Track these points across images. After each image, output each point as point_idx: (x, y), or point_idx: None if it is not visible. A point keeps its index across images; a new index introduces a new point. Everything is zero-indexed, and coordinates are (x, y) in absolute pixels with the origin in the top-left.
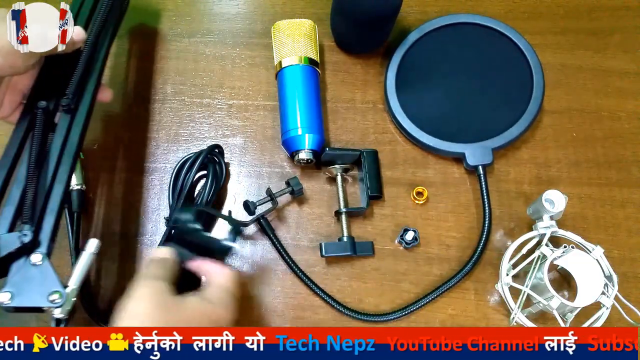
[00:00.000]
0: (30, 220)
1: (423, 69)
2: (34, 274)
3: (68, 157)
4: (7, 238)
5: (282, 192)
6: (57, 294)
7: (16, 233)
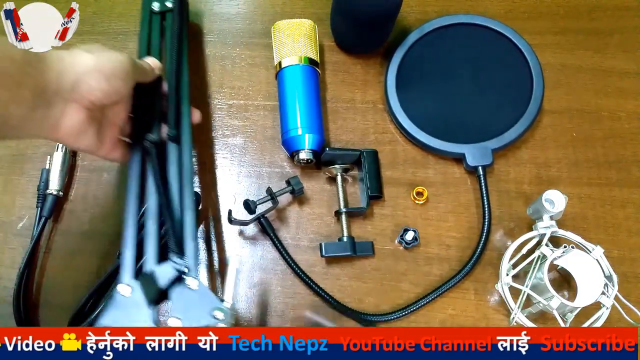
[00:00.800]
0: (179, 249)
1: (423, 69)
2: (194, 297)
3: (188, 184)
4: (163, 269)
5: (283, 192)
6: (220, 311)
7: (169, 263)
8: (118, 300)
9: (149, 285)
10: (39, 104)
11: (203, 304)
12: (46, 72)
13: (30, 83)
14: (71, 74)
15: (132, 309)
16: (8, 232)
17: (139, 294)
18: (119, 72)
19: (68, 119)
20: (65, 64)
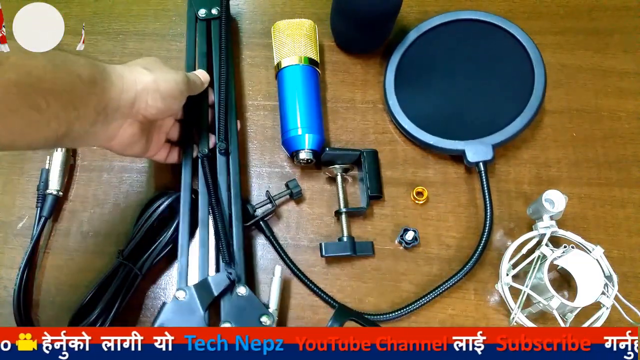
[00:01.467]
0: (231, 260)
1: (422, 68)
2: (243, 304)
3: (236, 197)
4: (218, 278)
5: (281, 195)
6: (266, 317)
7: (224, 273)
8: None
9: (203, 291)
10: (100, 120)
11: (251, 310)
12: (109, 90)
13: (94, 102)
14: (131, 92)
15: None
16: (8, 232)
17: (194, 299)
18: (174, 92)
19: (122, 131)
20: (125, 81)
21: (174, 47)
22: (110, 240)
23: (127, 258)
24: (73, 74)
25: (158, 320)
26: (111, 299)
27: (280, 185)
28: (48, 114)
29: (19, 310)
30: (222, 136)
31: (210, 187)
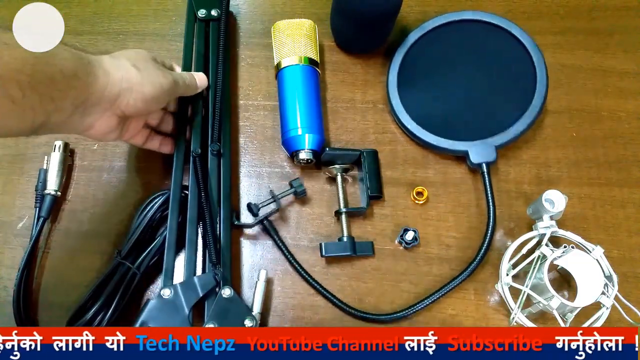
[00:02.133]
0: (218, 261)
1: (424, 68)
2: (227, 306)
3: (225, 198)
4: (204, 278)
5: (285, 194)
6: (249, 319)
7: (210, 273)
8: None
9: (188, 290)
10: (78, 112)
11: (235, 312)
12: (92, 85)
13: (73, 95)
14: (115, 89)
15: (171, 311)
16: (8, 232)
17: (179, 298)
18: (158, 96)
19: (100, 122)
20: (111, 79)
21: (174, 47)
22: (109, 240)
23: (125, 257)
24: (54, 67)
25: (141, 317)
26: (109, 298)
27: (280, 186)
28: (23, 105)
29: (19, 310)
30: (215, 138)
31: (200, 186)
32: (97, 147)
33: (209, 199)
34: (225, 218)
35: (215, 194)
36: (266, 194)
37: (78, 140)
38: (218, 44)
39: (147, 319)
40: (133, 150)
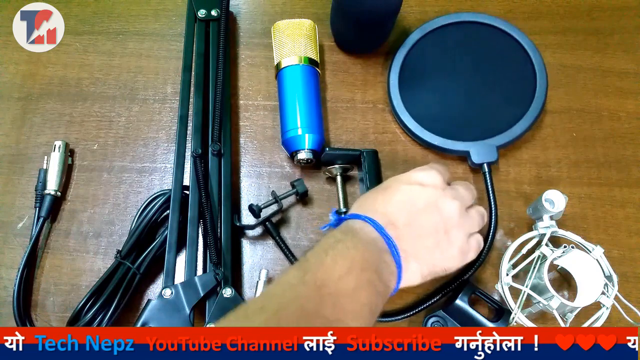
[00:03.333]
0: (219, 261)
1: (426, 68)
2: (228, 305)
3: (226, 198)
4: (205, 278)
5: (288, 194)
6: None
7: (211, 273)
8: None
9: (189, 290)
10: None
11: None
12: None
13: None
14: None
15: (172, 311)
16: (8, 232)
17: (180, 298)
18: None
19: None
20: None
21: (174, 47)
22: (109, 240)
23: (125, 257)
24: None
25: (142, 317)
26: (109, 298)
27: (280, 185)
28: None
29: (19, 310)
30: (215, 138)
31: (201, 186)
32: (97, 147)
33: (210, 198)
34: (225, 218)
35: (215, 193)
36: (266, 193)
37: (78, 140)
38: (218, 44)
39: (148, 319)
40: (133, 150)
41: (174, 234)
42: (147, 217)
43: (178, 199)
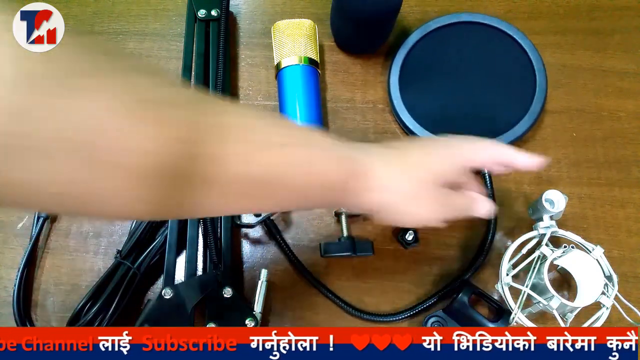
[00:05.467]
0: (219, 261)
1: (426, 68)
2: (228, 305)
3: None
4: (205, 278)
5: None
6: (251, 319)
7: (211, 273)
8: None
9: (189, 290)
10: None
11: (236, 312)
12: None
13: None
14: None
15: (172, 311)
16: (8, 232)
17: (180, 298)
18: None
19: None
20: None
21: (174, 47)
22: (109, 240)
23: (125, 257)
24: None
25: (143, 317)
26: (109, 298)
27: None
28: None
29: (19, 310)
30: None
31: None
32: None
33: None
34: (225, 217)
35: None
36: None
37: None
38: (218, 44)
39: (148, 319)
40: None
41: (174, 234)
42: None
43: None
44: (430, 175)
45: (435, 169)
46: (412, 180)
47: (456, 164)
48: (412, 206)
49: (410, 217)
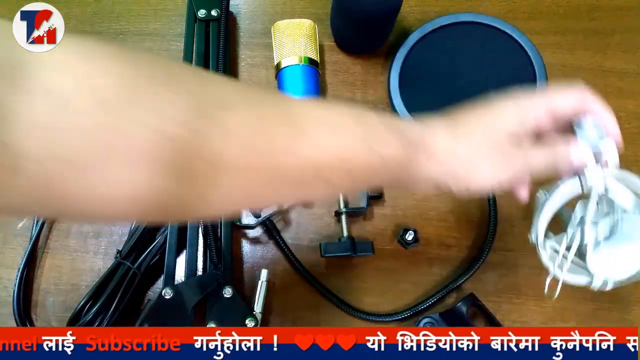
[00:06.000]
0: (219, 260)
1: (426, 69)
2: (228, 305)
3: None
4: (205, 278)
5: None
6: (251, 319)
7: (212, 273)
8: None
9: (189, 291)
10: None
11: (236, 312)
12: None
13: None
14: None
15: (173, 311)
16: (8, 232)
17: (180, 298)
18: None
19: None
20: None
21: (174, 47)
22: (109, 240)
23: (125, 257)
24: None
25: (143, 317)
26: (109, 298)
27: None
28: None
29: (19, 310)
30: None
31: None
32: None
33: None
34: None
35: None
36: None
37: None
38: (218, 44)
39: (148, 319)
40: None
41: (174, 234)
42: None
43: None
44: (494, 132)
45: (499, 124)
46: (474, 141)
47: (522, 115)
48: (479, 167)
49: (478, 180)
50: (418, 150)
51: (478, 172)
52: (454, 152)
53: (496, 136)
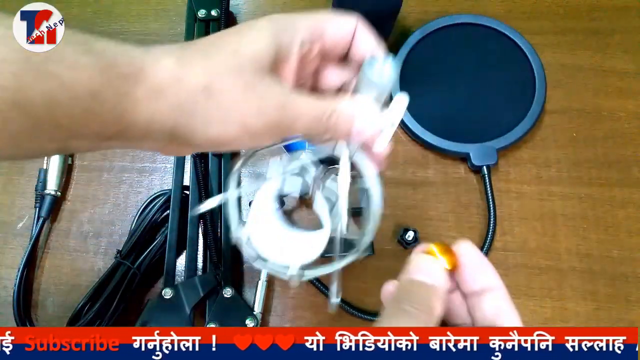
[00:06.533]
0: (219, 261)
1: (426, 69)
2: (228, 305)
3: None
4: (205, 278)
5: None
6: (251, 319)
7: (211, 273)
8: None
9: (189, 291)
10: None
11: (236, 312)
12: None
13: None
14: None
15: (172, 311)
16: (8, 232)
17: (180, 298)
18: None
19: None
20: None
21: None
22: (109, 240)
23: (125, 257)
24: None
25: (142, 317)
26: (109, 298)
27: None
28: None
29: (19, 310)
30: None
31: (201, 186)
32: None
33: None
34: (226, 218)
35: (216, 193)
36: None
37: None
38: None
39: (148, 319)
40: (133, 150)
41: (174, 234)
42: (147, 217)
43: (178, 199)
44: (238, 57)
45: (246, 48)
46: (210, 66)
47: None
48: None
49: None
50: (135, 82)
51: (219, 110)
52: (182, 81)
53: (240, 63)
